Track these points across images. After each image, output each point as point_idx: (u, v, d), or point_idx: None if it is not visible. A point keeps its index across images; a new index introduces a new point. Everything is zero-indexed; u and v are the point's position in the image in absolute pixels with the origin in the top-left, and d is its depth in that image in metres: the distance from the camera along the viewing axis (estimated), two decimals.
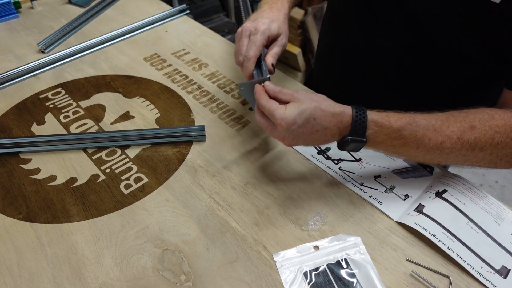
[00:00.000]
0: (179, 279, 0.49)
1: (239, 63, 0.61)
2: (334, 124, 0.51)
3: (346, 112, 0.51)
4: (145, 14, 1.01)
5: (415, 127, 0.52)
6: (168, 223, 0.55)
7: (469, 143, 0.52)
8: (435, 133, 0.52)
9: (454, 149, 0.53)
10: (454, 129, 0.52)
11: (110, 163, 0.64)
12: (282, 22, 0.66)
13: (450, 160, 0.54)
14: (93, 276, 0.49)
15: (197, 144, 0.67)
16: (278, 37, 0.64)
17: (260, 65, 0.61)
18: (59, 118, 0.72)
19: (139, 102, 0.76)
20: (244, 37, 0.62)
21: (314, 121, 0.50)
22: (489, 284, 0.48)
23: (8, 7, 0.99)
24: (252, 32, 0.62)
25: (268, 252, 0.52)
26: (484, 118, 0.53)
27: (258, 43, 0.60)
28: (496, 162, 0.55)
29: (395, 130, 0.51)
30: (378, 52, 0.68)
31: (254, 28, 0.62)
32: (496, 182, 1.82)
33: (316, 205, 0.57)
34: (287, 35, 0.67)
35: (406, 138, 0.52)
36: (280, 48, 0.64)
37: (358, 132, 0.51)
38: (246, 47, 0.61)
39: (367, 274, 0.49)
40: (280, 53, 0.64)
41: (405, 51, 0.64)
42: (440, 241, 0.51)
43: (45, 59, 0.84)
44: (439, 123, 0.53)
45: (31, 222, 0.55)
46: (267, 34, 0.62)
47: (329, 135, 0.52)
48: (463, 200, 0.57)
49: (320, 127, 0.51)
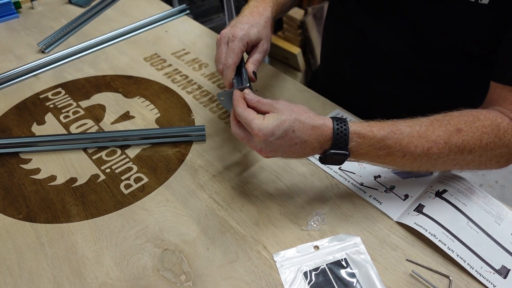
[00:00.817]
0: (179, 279, 0.49)
1: (219, 71, 0.59)
2: (314, 138, 0.49)
3: (326, 125, 0.49)
4: (145, 14, 1.01)
5: (399, 135, 0.50)
6: (168, 223, 0.55)
7: (457, 147, 0.51)
8: (421, 139, 0.51)
9: (442, 154, 0.51)
10: (440, 133, 0.51)
11: (110, 163, 0.64)
12: (262, 27, 0.62)
13: (439, 165, 0.53)
14: (93, 276, 0.49)
15: (197, 144, 0.67)
16: (258, 43, 0.62)
17: (240, 73, 0.59)
18: (59, 118, 0.72)
19: (139, 102, 0.76)
20: (223, 44, 0.60)
21: (293, 133, 0.48)
22: (489, 284, 0.48)
23: (8, 7, 0.99)
24: (230, 39, 0.59)
25: (268, 252, 0.52)
26: (469, 120, 0.52)
27: (236, 50, 0.58)
28: (486, 163, 0.54)
29: (378, 140, 0.50)
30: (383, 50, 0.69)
31: (232, 35, 0.59)
32: (496, 182, 1.82)
33: (316, 205, 0.57)
34: (269, 40, 0.64)
35: (391, 147, 0.50)
36: (261, 55, 0.61)
37: (340, 145, 0.49)
38: (224, 54, 0.59)
39: (367, 274, 0.49)
40: (261, 59, 0.62)
41: (408, 49, 0.65)
42: (440, 241, 0.51)
43: (45, 59, 0.84)
44: (423, 128, 0.51)
45: (31, 222, 0.55)
46: (245, 40, 0.59)
47: (309, 148, 0.50)
48: (463, 200, 0.57)
49: (299, 140, 0.49)
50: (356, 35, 0.72)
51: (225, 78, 0.58)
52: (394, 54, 0.67)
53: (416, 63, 0.66)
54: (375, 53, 0.70)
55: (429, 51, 0.63)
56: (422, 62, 0.65)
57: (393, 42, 0.66)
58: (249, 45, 0.61)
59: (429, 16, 0.59)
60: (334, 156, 0.50)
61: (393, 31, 0.65)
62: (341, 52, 0.79)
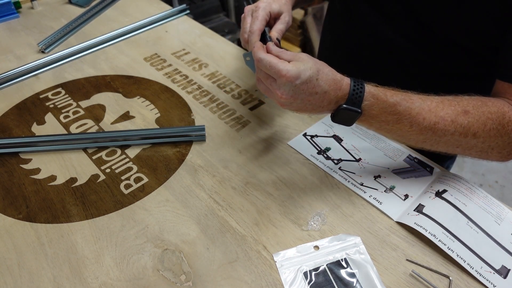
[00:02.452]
0: (179, 279, 0.49)
1: (245, 41, 0.62)
2: (333, 90, 0.51)
3: (345, 81, 0.51)
4: (145, 14, 1.01)
5: (410, 104, 0.52)
6: (168, 223, 0.55)
7: (463, 127, 0.52)
8: (430, 113, 0.52)
9: (447, 132, 0.53)
10: (449, 111, 0.53)
11: (110, 163, 0.64)
12: (283, 3, 0.67)
13: (442, 143, 0.54)
14: (93, 276, 0.49)
15: (197, 144, 0.67)
16: (280, 15, 0.66)
17: (265, 39, 0.62)
18: (59, 118, 0.72)
19: (139, 102, 0.76)
20: (247, 16, 0.64)
21: (316, 81, 0.50)
22: (489, 284, 0.48)
23: (8, 7, 0.99)
24: (253, 10, 0.63)
25: (268, 252, 0.52)
26: (477, 104, 0.54)
27: (260, 17, 0.62)
28: (488, 152, 0.55)
29: (390, 104, 0.51)
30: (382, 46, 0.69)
31: (255, 6, 0.64)
32: (496, 182, 1.82)
33: (316, 205, 0.57)
34: (291, 14, 0.68)
35: (401, 114, 0.52)
36: (284, 26, 0.65)
37: (355, 101, 0.51)
38: (249, 24, 0.62)
39: (367, 274, 0.49)
40: (284, 30, 0.65)
41: (408, 44, 0.65)
42: (440, 241, 0.51)
43: (45, 59, 0.84)
44: (434, 104, 0.53)
45: (31, 222, 0.55)
46: (268, 10, 0.63)
47: (326, 101, 0.51)
48: (463, 200, 0.57)
49: (320, 89, 0.50)
50: (356, 30, 0.72)
51: (250, 43, 0.60)
52: (395, 49, 0.67)
53: (417, 59, 0.66)
54: (375, 49, 0.70)
55: (431, 46, 0.63)
56: (423, 59, 0.65)
57: (394, 37, 0.66)
58: (271, 15, 0.65)
59: (433, 8, 0.59)
60: (346, 111, 0.51)
61: (394, 25, 0.65)
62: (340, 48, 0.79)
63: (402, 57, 0.67)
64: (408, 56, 0.66)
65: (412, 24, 0.63)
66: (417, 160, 0.64)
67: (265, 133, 0.69)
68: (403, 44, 0.66)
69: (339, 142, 0.67)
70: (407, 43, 0.65)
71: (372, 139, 0.68)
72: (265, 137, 0.68)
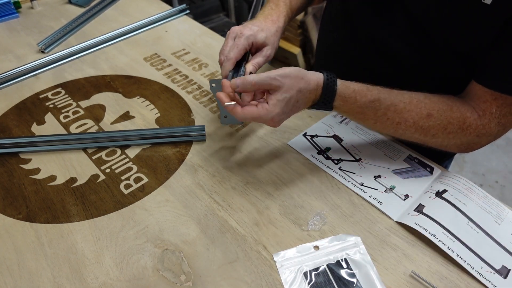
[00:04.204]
0: (179, 279, 0.49)
1: (220, 62, 0.62)
2: (311, 99, 0.56)
3: (319, 84, 0.55)
4: (145, 14, 1.01)
5: (377, 105, 0.57)
6: (168, 223, 0.55)
7: (423, 129, 0.58)
8: (395, 114, 0.57)
9: (407, 131, 0.59)
10: (412, 114, 0.57)
11: (110, 163, 0.64)
12: (272, 34, 0.65)
13: (404, 137, 0.61)
14: (93, 276, 0.49)
15: (197, 144, 0.67)
16: (263, 47, 0.64)
17: (239, 69, 0.61)
18: (59, 118, 0.72)
19: (139, 102, 0.76)
20: (230, 38, 0.63)
21: (297, 103, 0.54)
22: (489, 284, 0.48)
23: (8, 7, 0.99)
24: (237, 35, 0.62)
25: (268, 252, 0.52)
26: (442, 108, 0.57)
27: (240, 46, 0.61)
28: (446, 146, 0.61)
29: (358, 106, 0.57)
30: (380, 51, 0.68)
31: (240, 32, 0.62)
32: (496, 182, 1.82)
33: (316, 205, 0.57)
34: (275, 48, 0.66)
35: (366, 114, 0.58)
36: (263, 59, 0.64)
37: (326, 103, 0.56)
38: (229, 48, 0.62)
39: (367, 274, 0.49)
40: (262, 64, 0.64)
41: (405, 49, 0.65)
42: (440, 241, 0.51)
43: (45, 59, 0.84)
44: (401, 105, 0.57)
45: (31, 222, 0.55)
46: (251, 40, 0.62)
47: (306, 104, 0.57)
48: (463, 200, 0.57)
49: (302, 103, 0.55)
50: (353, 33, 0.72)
51: (223, 69, 0.60)
52: (391, 52, 0.67)
53: (413, 63, 0.66)
54: (372, 52, 0.70)
55: (428, 51, 0.63)
56: (420, 62, 0.65)
57: (391, 40, 0.66)
58: (254, 46, 0.64)
59: (431, 13, 0.59)
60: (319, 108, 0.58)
61: (392, 28, 0.65)
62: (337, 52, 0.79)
63: (400, 61, 0.67)
64: (406, 61, 0.66)
65: (411, 30, 0.62)
66: (417, 160, 0.64)
67: (265, 133, 0.69)
68: (401, 48, 0.65)
69: (339, 142, 0.67)
70: (405, 48, 0.65)
71: (373, 139, 0.68)
72: (265, 137, 0.68)
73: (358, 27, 0.70)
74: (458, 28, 0.57)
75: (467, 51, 0.59)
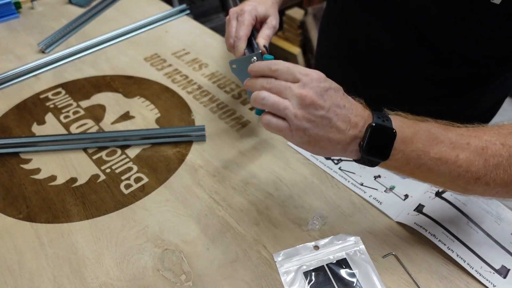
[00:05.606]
0: (179, 279, 0.49)
1: (231, 46, 0.60)
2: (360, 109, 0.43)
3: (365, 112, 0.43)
4: (145, 14, 1.01)
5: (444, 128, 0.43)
6: (168, 223, 0.55)
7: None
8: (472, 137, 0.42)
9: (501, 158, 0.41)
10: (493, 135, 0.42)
11: (110, 163, 0.64)
12: (270, 6, 0.65)
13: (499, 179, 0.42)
14: (93, 275, 0.49)
15: (197, 144, 0.67)
16: (267, 19, 0.64)
17: (251, 46, 0.60)
18: (60, 118, 0.72)
19: (139, 102, 0.76)
20: (232, 19, 0.62)
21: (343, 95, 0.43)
22: (489, 283, 0.48)
23: (8, 7, 0.99)
24: (239, 14, 0.61)
25: (268, 252, 0.52)
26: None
27: (246, 22, 0.60)
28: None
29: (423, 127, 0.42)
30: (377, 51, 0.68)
31: (240, 10, 0.62)
32: None
33: (316, 205, 0.57)
34: (277, 17, 0.66)
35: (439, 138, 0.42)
36: (270, 30, 0.63)
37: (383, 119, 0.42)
38: (235, 28, 0.60)
39: (367, 274, 0.49)
40: (271, 35, 0.63)
41: (403, 50, 0.65)
42: (440, 241, 0.51)
43: (45, 59, 0.84)
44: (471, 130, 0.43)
45: (32, 222, 0.55)
46: (253, 14, 0.62)
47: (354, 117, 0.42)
48: (463, 200, 0.57)
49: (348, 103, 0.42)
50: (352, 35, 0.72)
51: (236, 50, 0.59)
52: (391, 56, 0.67)
53: (412, 66, 0.66)
54: (371, 54, 0.70)
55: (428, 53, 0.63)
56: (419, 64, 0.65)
57: (390, 43, 0.66)
58: (257, 19, 0.63)
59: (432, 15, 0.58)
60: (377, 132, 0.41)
61: (391, 31, 0.65)
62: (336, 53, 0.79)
63: (399, 63, 0.67)
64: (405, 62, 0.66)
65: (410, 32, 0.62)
66: None
67: (265, 133, 0.69)
68: (400, 51, 0.65)
69: None
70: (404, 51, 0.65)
71: None
72: (265, 137, 0.68)
73: (357, 30, 0.70)
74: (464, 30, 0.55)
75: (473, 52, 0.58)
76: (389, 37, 0.65)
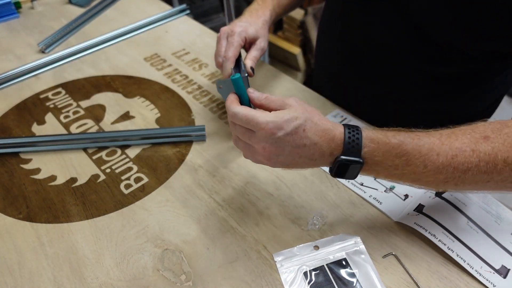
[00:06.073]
0: (179, 279, 0.49)
1: (219, 64, 0.63)
2: (325, 141, 0.45)
3: (338, 129, 0.46)
4: (145, 14, 1.01)
5: (417, 140, 0.45)
6: (168, 223, 0.55)
7: (488, 155, 0.43)
8: (443, 146, 0.44)
9: (470, 164, 0.43)
10: (465, 140, 0.44)
11: (110, 163, 0.64)
12: (260, 27, 0.67)
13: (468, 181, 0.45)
14: (93, 275, 0.49)
15: (197, 144, 0.67)
16: (256, 40, 0.66)
17: (239, 67, 0.62)
18: (60, 118, 0.72)
19: (139, 102, 0.76)
20: (222, 39, 0.64)
21: (304, 132, 0.44)
22: (489, 283, 0.48)
23: (8, 7, 1.00)
24: (229, 34, 0.63)
25: (268, 252, 0.52)
26: (496, 127, 0.45)
27: (235, 43, 0.62)
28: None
29: (394, 145, 0.44)
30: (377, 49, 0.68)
31: (230, 30, 0.63)
32: None
33: (316, 205, 0.57)
34: (267, 39, 0.68)
35: (410, 154, 0.44)
36: (258, 52, 0.65)
37: (352, 150, 0.44)
38: (224, 48, 0.62)
39: (367, 274, 0.49)
40: (259, 56, 0.65)
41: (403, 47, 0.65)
42: (440, 241, 0.51)
43: (45, 59, 0.84)
44: (444, 137, 0.45)
45: (32, 222, 0.55)
46: (243, 36, 0.63)
47: (318, 153, 0.45)
48: (463, 200, 0.57)
49: (309, 141, 0.44)
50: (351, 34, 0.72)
51: (224, 70, 0.61)
52: (391, 54, 0.67)
53: (412, 64, 0.66)
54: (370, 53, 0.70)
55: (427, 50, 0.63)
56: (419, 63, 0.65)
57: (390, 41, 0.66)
58: (247, 40, 0.65)
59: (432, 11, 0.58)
60: (346, 163, 0.45)
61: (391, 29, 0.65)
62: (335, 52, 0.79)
63: (399, 62, 0.67)
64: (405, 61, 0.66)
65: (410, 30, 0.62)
66: None
67: None
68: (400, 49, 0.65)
69: None
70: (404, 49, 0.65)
71: None
72: None
73: (357, 28, 0.70)
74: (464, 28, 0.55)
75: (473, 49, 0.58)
76: (389, 35, 0.65)
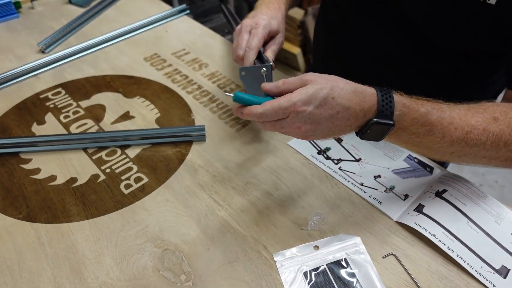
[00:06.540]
0: (179, 279, 0.49)
1: (239, 57, 0.60)
2: (357, 103, 0.44)
3: (368, 91, 0.45)
4: (145, 14, 1.01)
5: (441, 113, 0.47)
6: (168, 223, 0.55)
7: (495, 136, 0.47)
8: (461, 121, 0.47)
9: (479, 142, 0.47)
10: (478, 119, 0.48)
11: (110, 163, 0.64)
12: (280, 21, 0.66)
13: (470, 156, 0.49)
14: (93, 275, 0.49)
15: (197, 144, 0.67)
16: (276, 35, 0.65)
17: (261, 58, 0.61)
18: (59, 118, 0.72)
19: (139, 102, 0.76)
20: (244, 32, 0.62)
21: (333, 100, 0.43)
22: (489, 283, 0.48)
23: (8, 7, 0.99)
24: (253, 27, 0.62)
25: (268, 252, 0.52)
26: (503, 110, 0.49)
27: (260, 35, 0.60)
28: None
29: (422, 114, 0.46)
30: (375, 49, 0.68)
31: (255, 23, 0.62)
32: (496, 182, 1.82)
33: (316, 205, 0.57)
34: (284, 34, 0.68)
35: (433, 125, 0.46)
36: (277, 46, 0.64)
37: (386, 113, 0.44)
38: (246, 40, 0.60)
39: (367, 274, 0.49)
40: (277, 51, 0.64)
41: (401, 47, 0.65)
42: (440, 241, 0.51)
43: (45, 59, 0.84)
44: (463, 112, 0.48)
45: (32, 222, 0.55)
46: (268, 29, 0.62)
47: (353, 117, 0.44)
48: (463, 200, 0.57)
49: (341, 107, 0.43)
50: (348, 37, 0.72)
51: (247, 59, 0.59)
52: (388, 56, 0.67)
53: (411, 66, 0.66)
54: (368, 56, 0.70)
55: (426, 52, 0.63)
56: (417, 64, 0.65)
57: (388, 41, 0.66)
58: (270, 34, 0.63)
59: (429, 15, 0.59)
60: (378, 126, 0.44)
61: (389, 32, 0.65)
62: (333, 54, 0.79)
63: (397, 61, 0.67)
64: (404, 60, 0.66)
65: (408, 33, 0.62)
66: (417, 160, 0.64)
67: (265, 133, 0.69)
68: (398, 49, 0.65)
69: (339, 142, 0.67)
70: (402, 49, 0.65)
71: None
72: (265, 137, 0.68)
73: (354, 31, 0.70)
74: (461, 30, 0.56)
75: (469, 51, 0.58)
76: (387, 35, 0.65)
